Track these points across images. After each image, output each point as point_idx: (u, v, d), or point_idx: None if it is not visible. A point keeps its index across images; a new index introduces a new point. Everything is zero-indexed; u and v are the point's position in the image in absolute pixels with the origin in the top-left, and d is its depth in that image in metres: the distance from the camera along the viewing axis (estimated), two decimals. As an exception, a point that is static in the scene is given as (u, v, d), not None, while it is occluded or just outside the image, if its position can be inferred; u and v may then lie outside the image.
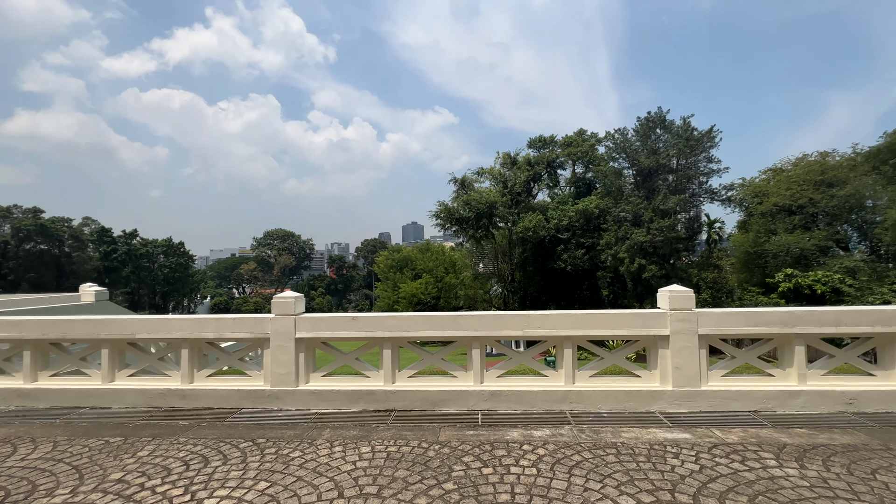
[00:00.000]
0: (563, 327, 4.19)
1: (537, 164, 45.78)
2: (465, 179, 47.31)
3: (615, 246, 36.45)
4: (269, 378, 4.37)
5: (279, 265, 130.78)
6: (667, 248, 34.21)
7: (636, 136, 38.29)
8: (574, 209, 39.93)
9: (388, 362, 4.32)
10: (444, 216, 43.91)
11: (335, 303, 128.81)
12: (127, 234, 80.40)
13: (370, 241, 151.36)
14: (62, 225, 68.88)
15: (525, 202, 46.23)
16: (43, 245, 67.98)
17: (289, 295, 4.39)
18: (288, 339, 4.33)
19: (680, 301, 4.10)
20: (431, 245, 64.94)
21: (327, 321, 4.34)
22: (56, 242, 69.24)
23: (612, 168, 41.25)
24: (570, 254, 40.66)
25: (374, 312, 4.33)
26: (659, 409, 4.07)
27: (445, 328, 4.24)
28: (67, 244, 70.74)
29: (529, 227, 40.03)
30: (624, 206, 36.86)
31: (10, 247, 63.60)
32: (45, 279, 65.99)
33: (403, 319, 4.29)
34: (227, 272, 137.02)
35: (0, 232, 63.38)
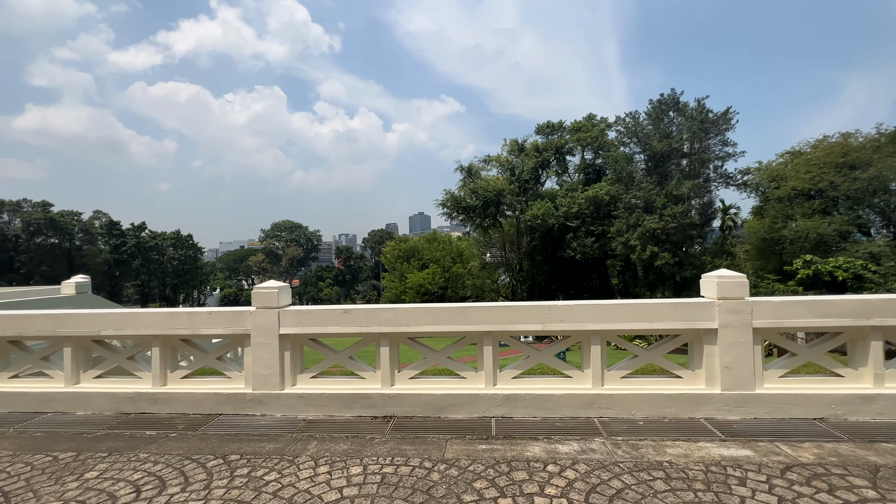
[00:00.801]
0: (591, 320, 3.56)
1: (546, 151, 44.70)
2: (472, 167, 46.42)
3: (626, 233, 35.53)
4: (251, 380, 3.81)
5: (287, 256, 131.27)
6: (680, 236, 33.23)
7: (648, 120, 37.05)
8: (584, 196, 38.96)
9: (386, 362, 3.74)
10: (450, 205, 43.17)
11: (343, 294, 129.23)
12: (136, 226, 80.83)
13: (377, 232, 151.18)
14: (71, 218, 69.32)
15: (533, 190, 45.30)
16: (53, 238, 68.56)
17: (271, 285, 3.81)
18: (271, 335, 3.76)
19: (730, 288, 3.44)
20: (438, 235, 64.32)
21: (316, 315, 3.76)
22: (66, 236, 69.76)
23: (623, 153, 40.13)
24: (580, 242, 39.81)
25: (370, 304, 3.67)
26: (705, 415, 3.44)
27: (452, 322, 3.63)
28: (77, 237, 71.28)
29: (538, 215, 39.18)
30: (635, 193, 35.83)
31: (22, 240, 64.21)
32: (56, 272, 66.68)
33: (403, 312, 3.69)
34: (236, 264, 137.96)
35: (11, 226, 63.87)
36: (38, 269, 65.70)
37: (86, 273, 59.93)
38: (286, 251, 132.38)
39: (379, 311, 3.71)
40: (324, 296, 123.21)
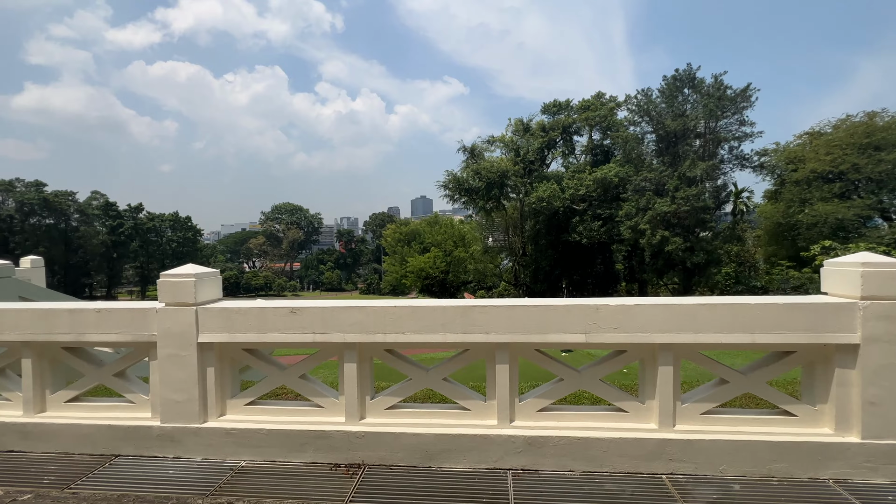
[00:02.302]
0: (661, 327, 2.35)
1: (552, 130, 42.93)
2: (475, 148, 44.76)
3: (635, 217, 34.13)
4: (159, 408, 2.64)
5: (288, 239, 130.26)
6: (692, 220, 31.84)
7: (661, 98, 35.20)
8: (591, 178, 37.42)
9: (352, 384, 2.56)
10: (452, 186, 41.71)
11: (345, 277, 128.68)
12: (133, 208, 79.61)
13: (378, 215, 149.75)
14: (66, 199, 68.09)
15: (538, 171, 43.71)
16: (49, 219, 67.51)
17: (185, 271, 2.60)
18: (185, 344, 2.58)
19: (884, 283, 2.21)
20: (440, 218, 63.01)
21: (250, 316, 2.57)
22: (62, 217, 68.65)
23: (633, 134, 38.39)
24: (586, 226, 38.45)
25: (333, 302, 2.47)
26: (835, 475, 2.27)
27: (450, 328, 2.44)
28: (73, 218, 70.17)
29: (543, 198, 37.74)
30: (646, 174, 34.27)
31: (16, 221, 63.19)
32: (52, 253, 65.83)
33: (377, 314, 2.49)
34: (237, 246, 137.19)
35: (5, 206, 62.76)
36: (34, 250, 64.72)
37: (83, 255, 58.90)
38: (287, 234, 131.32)
39: (342, 312, 2.51)
40: (325, 279, 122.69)
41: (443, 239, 56.57)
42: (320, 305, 2.52)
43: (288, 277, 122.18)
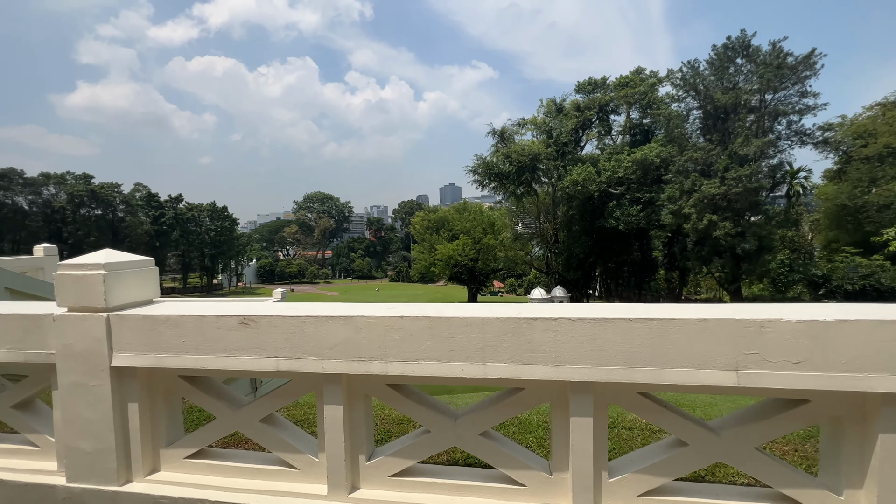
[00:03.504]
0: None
1: (587, 110, 40.57)
2: (505, 131, 43.08)
3: (679, 200, 31.74)
4: (64, 458, 1.81)
5: (319, 228, 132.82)
6: (744, 202, 29.22)
7: (710, 70, 32.25)
8: (630, 159, 35.10)
9: (337, 435, 1.62)
10: (482, 171, 40.35)
11: (375, 265, 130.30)
12: (173, 198, 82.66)
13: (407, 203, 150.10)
14: (111, 190, 71.37)
15: (572, 154, 41.59)
16: (97, 210, 71.00)
17: (92, 260, 1.72)
18: (94, 367, 1.72)
19: None
20: (469, 205, 61.70)
21: (184, 327, 1.66)
22: (109, 208, 72.07)
23: (677, 111, 35.60)
24: (624, 210, 36.26)
25: (308, 307, 1.45)
26: None
27: (494, 354, 1.45)
28: (119, 209, 73.56)
29: (578, 181, 35.80)
30: (692, 154, 31.67)
31: (68, 212, 66.84)
32: (101, 243, 69.47)
33: (377, 328, 1.53)
34: (271, 235, 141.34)
35: (58, 198, 66.45)
36: (86, 239, 68.51)
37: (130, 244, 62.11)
38: (318, 223, 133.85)
39: (318, 326, 1.56)
40: (355, 266, 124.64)
41: (472, 226, 55.41)
42: (287, 314, 1.58)
43: (320, 265, 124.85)
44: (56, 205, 65.74)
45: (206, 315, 1.63)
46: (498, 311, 1.50)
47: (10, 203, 63.25)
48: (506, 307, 1.55)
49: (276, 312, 1.59)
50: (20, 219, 63.80)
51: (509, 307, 1.55)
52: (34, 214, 64.86)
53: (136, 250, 60.29)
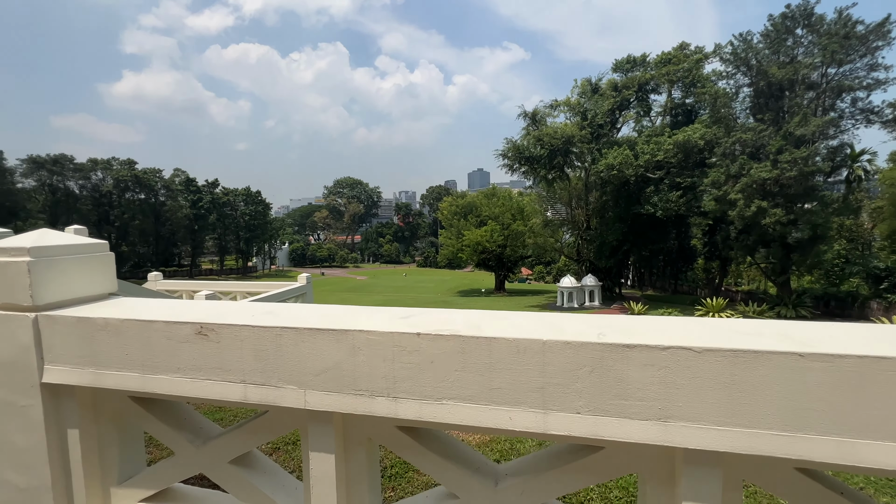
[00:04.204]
0: None
1: (625, 89, 38.44)
2: (537, 113, 41.56)
3: (724, 185, 29.69)
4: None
5: (349, 213, 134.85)
6: (798, 187, 26.95)
7: (765, 42, 29.60)
8: (671, 141, 33.06)
9: (327, 491, 1.15)
10: (511, 155, 39.16)
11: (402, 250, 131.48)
12: (209, 183, 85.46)
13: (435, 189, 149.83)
14: (153, 176, 74.45)
15: (608, 136, 39.71)
16: (141, 194, 74.31)
17: (15, 243, 1.31)
18: (22, 383, 1.32)
19: None
20: (497, 190, 60.55)
21: (126, 334, 1.23)
22: (151, 192, 75.28)
23: (724, 89, 33.08)
24: (662, 196, 34.38)
25: (296, 310, 1.00)
26: None
27: (555, 398, 0.93)
28: (161, 193, 76.73)
29: (613, 165, 34.13)
30: (740, 135, 29.41)
31: (115, 196, 70.33)
32: (145, 225, 73.01)
33: (382, 344, 1.04)
34: (303, 219, 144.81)
35: (105, 183, 69.94)
36: (131, 222, 72.12)
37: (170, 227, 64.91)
38: (348, 207, 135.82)
39: (300, 340, 1.08)
40: (384, 251, 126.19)
41: (500, 212, 54.43)
42: (258, 322, 1.12)
43: (349, 249, 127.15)
44: (104, 189, 69.25)
45: (154, 321, 1.19)
46: (565, 328, 0.98)
47: (63, 187, 67.11)
48: (576, 322, 1.02)
49: (245, 320, 1.13)
50: (72, 202, 67.65)
51: (581, 322, 1.03)
52: (84, 198, 68.64)
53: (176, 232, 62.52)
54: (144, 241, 76.08)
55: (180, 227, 79.20)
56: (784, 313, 29.46)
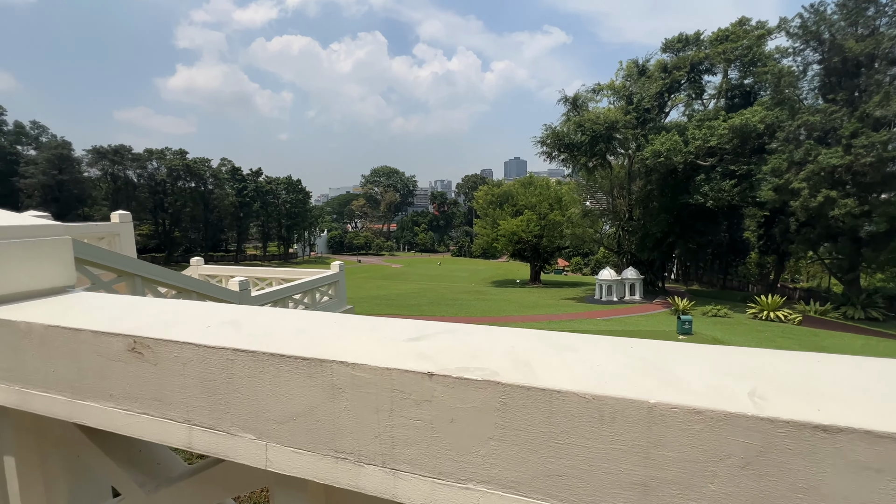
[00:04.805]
0: None
1: (676, 70, 35.96)
2: (578, 98, 39.80)
3: (786, 173, 27.23)
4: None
5: (385, 201, 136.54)
6: (875, 175, 24.24)
7: (842, 13, 26.59)
8: (726, 126, 30.63)
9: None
10: (551, 142, 37.78)
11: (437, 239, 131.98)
12: (253, 172, 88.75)
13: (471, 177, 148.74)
14: (202, 165, 78.18)
15: (655, 121, 37.44)
16: (191, 183, 78.30)
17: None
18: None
19: None
20: (535, 179, 59.02)
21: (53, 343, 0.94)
22: (201, 181, 79.15)
23: (789, 68, 30.18)
24: (714, 185, 32.08)
25: (262, 315, 0.84)
26: None
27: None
28: (209, 182, 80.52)
29: (660, 152, 32.14)
30: (807, 118, 26.77)
31: (168, 184, 74.52)
32: (195, 212, 77.10)
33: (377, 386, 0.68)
34: (341, 208, 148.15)
35: (159, 172, 74.19)
36: (183, 209, 76.29)
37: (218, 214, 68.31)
38: (384, 196, 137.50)
39: (260, 368, 0.73)
40: (419, 240, 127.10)
41: (537, 201, 53.09)
42: (207, 341, 0.78)
43: (385, 238, 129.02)
44: (158, 178, 73.50)
45: (81, 329, 0.88)
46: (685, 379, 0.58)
47: (123, 176, 71.79)
48: (701, 363, 0.63)
49: (189, 335, 0.80)
50: (131, 190, 72.34)
51: (709, 362, 0.63)
52: (142, 186, 73.16)
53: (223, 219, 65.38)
54: (195, 227, 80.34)
55: (227, 214, 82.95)
56: (851, 314, 26.88)
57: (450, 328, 0.80)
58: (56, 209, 60.03)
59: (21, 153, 67.49)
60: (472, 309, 28.02)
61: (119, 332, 0.84)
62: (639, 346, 0.69)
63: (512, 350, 0.68)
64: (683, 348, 0.68)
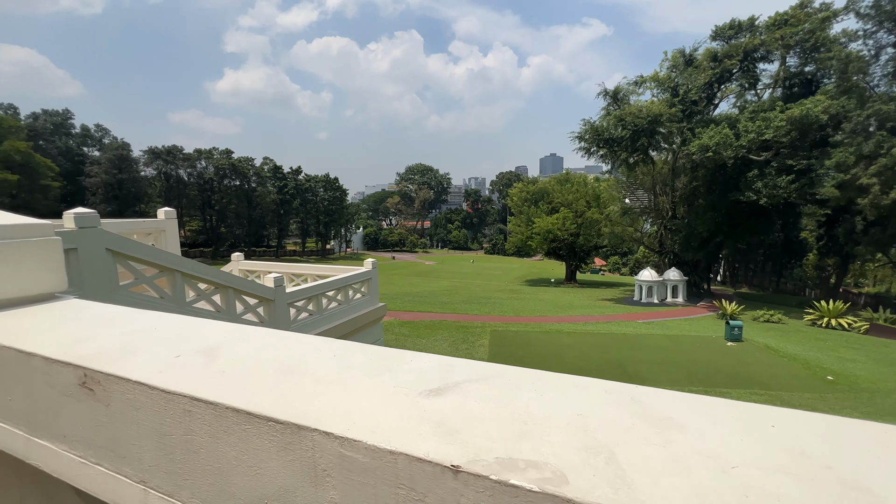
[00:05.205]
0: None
1: (727, 58, 33.73)
2: (619, 91, 38.27)
3: (853, 168, 24.93)
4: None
5: (419, 199, 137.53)
6: (960, 169, 21.71)
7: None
8: (785, 117, 28.40)
9: None
10: (589, 137, 36.53)
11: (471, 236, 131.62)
12: (293, 170, 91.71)
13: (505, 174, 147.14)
14: (246, 164, 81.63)
15: (702, 113, 35.36)
16: (236, 181, 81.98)
17: None
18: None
19: None
20: (571, 176, 57.39)
21: (9, 368, 0.79)
22: (245, 179, 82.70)
23: (858, 53, 27.56)
24: (769, 181, 29.86)
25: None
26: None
27: None
28: (252, 180, 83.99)
29: (709, 146, 30.28)
30: (879, 107, 24.35)
31: (215, 182, 78.38)
32: (239, 209, 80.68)
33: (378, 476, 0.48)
34: (376, 205, 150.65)
35: (207, 171, 78.16)
36: (228, 206, 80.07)
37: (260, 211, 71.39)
38: (418, 194, 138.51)
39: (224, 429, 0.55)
40: (452, 237, 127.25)
41: (574, 198, 51.64)
42: (160, 382, 0.62)
43: (419, 235, 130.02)
44: (206, 176, 77.46)
45: (34, 354, 0.73)
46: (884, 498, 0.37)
47: (175, 175, 76.19)
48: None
49: (143, 373, 0.63)
50: (182, 188, 76.67)
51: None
52: (191, 184, 77.37)
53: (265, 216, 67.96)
54: (239, 223, 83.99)
55: (268, 211, 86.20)
56: (928, 323, 24.31)
57: (485, 373, 0.59)
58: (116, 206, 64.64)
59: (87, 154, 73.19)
60: (504, 308, 27.57)
61: (69, 361, 0.68)
62: (788, 426, 0.44)
63: (581, 424, 0.47)
64: (873, 428, 0.44)
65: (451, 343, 17.59)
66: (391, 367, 0.63)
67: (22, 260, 1.02)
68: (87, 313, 0.96)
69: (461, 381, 0.57)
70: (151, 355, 0.70)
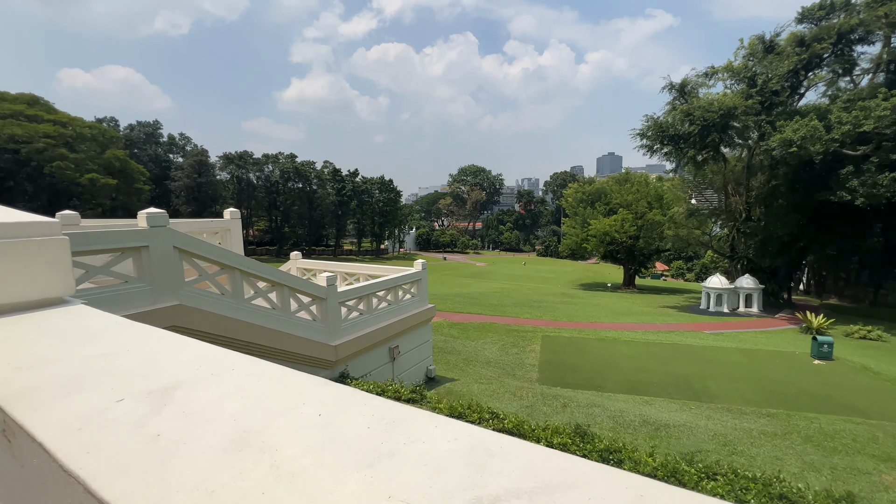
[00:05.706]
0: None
1: (816, 42, 30.18)
2: (686, 84, 35.69)
3: (979, 162, 21.22)
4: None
5: (471, 200, 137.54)
6: None
7: None
8: (888, 105, 24.88)
9: None
10: (652, 134, 34.39)
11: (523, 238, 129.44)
12: (351, 173, 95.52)
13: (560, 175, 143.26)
14: (309, 167, 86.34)
15: (784, 104, 31.95)
16: (299, 184, 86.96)
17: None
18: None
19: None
20: (631, 175, 54.43)
21: None
22: (307, 181, 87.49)
23: None
24: (866, 178, 26.30)
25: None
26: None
27: None
28: (314, 183, 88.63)
29: (792, 141, 27.28)
30: None
31: (280, 185, 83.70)
32: (301, 210, 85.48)
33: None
34: (429, 206, 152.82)
35: (273, 174, 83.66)
36: (292, 208, 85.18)
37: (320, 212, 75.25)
38: (470, 195, 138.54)
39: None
40: (504, 239, 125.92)
41: (634, 199, 48.97)
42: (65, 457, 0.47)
43: (471, 236, 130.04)
44: (273, 179, 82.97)
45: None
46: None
47: (245, 178, 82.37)
48: None
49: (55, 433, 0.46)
50: (251, 191, 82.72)
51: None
52: (259, 187, 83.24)
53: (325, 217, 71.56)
54: (301, 223, 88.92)
55: (328, 213, 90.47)
56: None
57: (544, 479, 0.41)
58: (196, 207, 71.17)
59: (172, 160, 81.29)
60: (557, 312, 26.67)
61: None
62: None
63: None
64: None
65: (501, 347, 17.27)
66: (394, 449, 0.46)
67: (27, 260, 0.95)
68: (73, 325, 0.89)
69: (501, 496, 0.34)
70: (92, 395, 0.59)
